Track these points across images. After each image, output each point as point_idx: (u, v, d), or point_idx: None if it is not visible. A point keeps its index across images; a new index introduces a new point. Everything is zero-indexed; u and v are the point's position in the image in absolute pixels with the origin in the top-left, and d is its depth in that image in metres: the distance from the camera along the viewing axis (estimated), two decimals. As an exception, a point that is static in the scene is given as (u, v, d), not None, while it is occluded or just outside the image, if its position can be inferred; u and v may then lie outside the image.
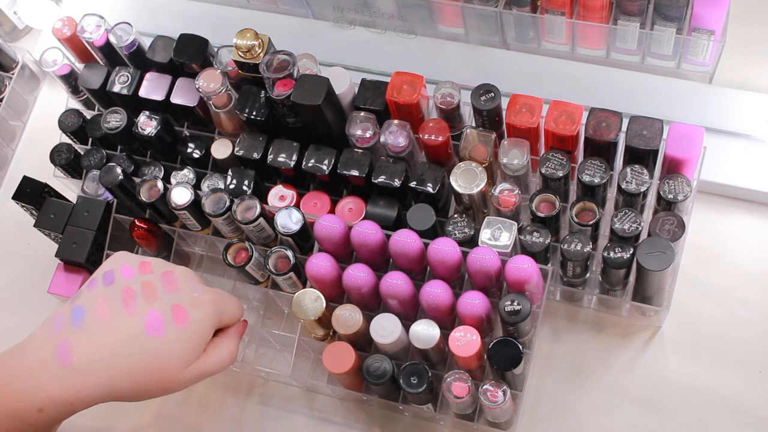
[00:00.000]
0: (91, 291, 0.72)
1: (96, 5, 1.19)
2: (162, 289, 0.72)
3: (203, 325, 0.73)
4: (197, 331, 0.72)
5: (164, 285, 0.73)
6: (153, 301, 0.71)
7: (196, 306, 0.73)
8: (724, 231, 1.03)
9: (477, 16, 1.10)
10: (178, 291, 0.73)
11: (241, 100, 0.98)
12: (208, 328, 0.74)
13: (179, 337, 0.71)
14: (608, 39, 1.08)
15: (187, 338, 0.71)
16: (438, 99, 0.95)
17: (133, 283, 0.72)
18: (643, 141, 0.89)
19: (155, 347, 0.70)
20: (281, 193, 0.99)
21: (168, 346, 0.70)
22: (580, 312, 1.02)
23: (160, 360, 0.70)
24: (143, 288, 0.72)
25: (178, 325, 0.71)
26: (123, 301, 0.71)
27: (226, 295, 0.79)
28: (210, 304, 0.74)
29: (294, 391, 1.03)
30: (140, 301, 0.71)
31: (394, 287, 0.87)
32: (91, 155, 1.08)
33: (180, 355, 0.71)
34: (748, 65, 1.09)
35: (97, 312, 0.70)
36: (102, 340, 0.69)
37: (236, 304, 0.80)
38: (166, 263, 0.77)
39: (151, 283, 0.73)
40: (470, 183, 0.91)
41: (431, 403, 0.92)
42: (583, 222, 0.89)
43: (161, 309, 0.71)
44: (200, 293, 0.74)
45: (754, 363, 0.96)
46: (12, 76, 1.24)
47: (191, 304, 0.73)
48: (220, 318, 0.76)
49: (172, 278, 0.74)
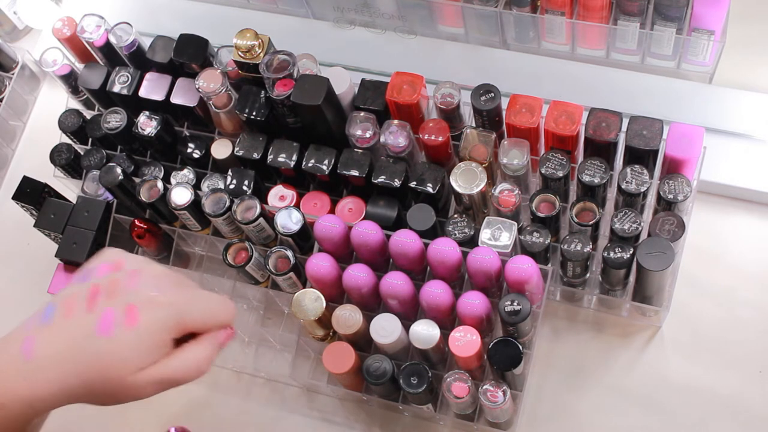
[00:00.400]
0: (67, 288, 0.70)
1: (96, 5, 1.19)
2: (123, 287, 0.68)
3: (154, 327, 0.67)
4: (147, 333, 0.67)
5: (127, 283, 0.68)
6: (112, 299, 0.67)
7: (150, 307, 0.67)
8: (724, 231, 1.03)
9: (477, 16, 1.10)
10: (136, 289, 0.68)
11: (241, 100, 0.98)
12: (160, 332, 0.68)
13: (126, 339, 0.66)
14: (608, 39, 1.08)
15: (135, 340, 0.66)
16: (438, 99, 0.95)
17: (102, 280, 0.69)
18: (643, 141, 0.89)
19: (103, 348, 0.66)
20: (281, 193, 0.99)
21: (114, 348, 0.66)
22: (580, 312, 1.02)
23: (105, 361, 0.66)
24: (108, 285, 0.68)
25: (127, 326, 0.66)
26: (87, 298, 0.67)
27: (203, 298, 0.71)
28: (167, 306, 0.68)
29: (294, 391, 1.03)
30: (101, 299, 0.67)
31: (394, 287, 0.87)
32: (91, 155, 1.08)
33: (125, 357, 0.66)
34: (748, 65, 1.09)
35: (64, 309, 0.68)
36: (61, 337, 0.66)
37: (216, 309, 0.71)
38: (144, 261, 0.72)
39: (116, 280, 0.68)
40: (470, 183, 0.91)
41: (431, 403, 0.92)
42: (583, 222, 0.89)
43: (116, 308, 0.67)
44: (160, 293, 0.68)
45: (754, 363, 0.96)
46: (12, 76, 1.24)
47: (145, 304, 0.67)
48: (183, 322, 0.69)
49: (137, 276, 0.69)
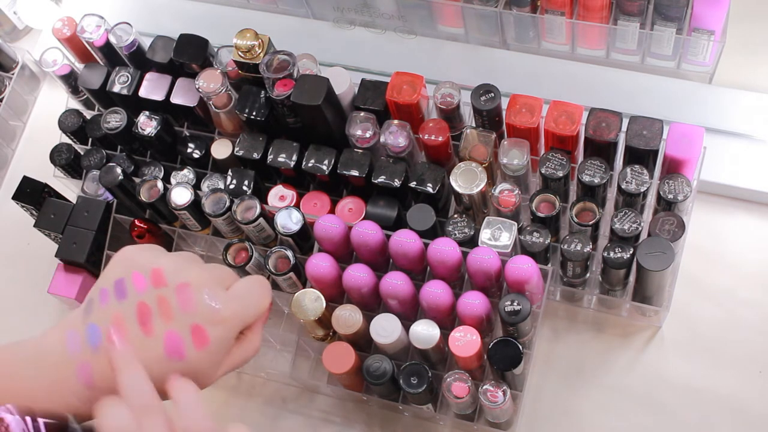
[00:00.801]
0: (104, 306, 0.68)
1: (96, 5, 1.19)
2: (178, 307, 0.68)
3: (225, 342, 0.70)
4: (219, 349, 0.69)
5: (180, 301, 0.68)
6: (170, 320, 0.67)
7: (216, 324, 0.69)
8: (724, 231, 1.03)
9: (477, 16, 1.10)
10: (195, 308, 0.68)
11: (241, 100, 0.98)
12: (229, 341, 0.70)
13: (201, 358, 0.68)
14: (608, 39, 1.08)
15: (209, 358, 0.68)
16: (438, 99, 0.95)
17: (147, 297, 0.68)
18: (643, 141, 0.89)
19: (178, 368, 0.67)
20: (281, 193, 0.99)
21: (191, 367, 0.67)
22: (580, 312, 1.02)
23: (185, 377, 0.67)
24: (159, 304, 0.68)
25: (198, 348, 0.67)
26: (139, 319, 0.67)
27: (249, 291, 0.73)
28: (231, 319, 0.70)
29: (294, 391, 1.03)
30: (157, 320, 0.67)
31: (394, 287, 0.87)
32: (91, 155, 1.08)
33: (204, 372, 0.69)
34: (748, 65, 1.09)
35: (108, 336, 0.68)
36: None
37: (260, 298, 0.74)
38: (179, 267, 0.71)
39: (165, 299, 0.68)
40: (470, 183, 0.91)
41: (431, 403, 0.92)
42: (583, 222, 0.89)
43: (179, 330, 0.67)
44: (221, 305, 0.69)
45: (754, 363, 0.96)
46: (12, 76, 1.24)
47: (211, 323, 0.68)
48: (243, 324, 0.72)
49: (188, 292, 0.69)
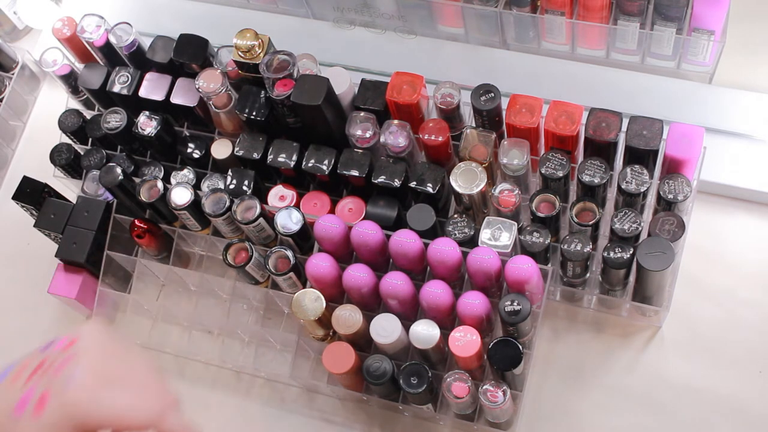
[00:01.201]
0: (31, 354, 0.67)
1: (96, 5, 1.19)
2: (54, 369, 0.65)
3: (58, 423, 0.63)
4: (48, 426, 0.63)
5: (58, 365, 0.65)
6: (41, 379, 0.64)
7: (58, 400, 0.63)
8: (724, 231, 1.03)
9: (477, 16, 1.10)
10: (57, 377, 0.64)
11: (241, 100, 0.98)
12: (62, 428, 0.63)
13: (28, 427, 0.63)
14: (608, 39, 1.08)
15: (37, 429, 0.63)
16: (438, 99, 0.95)
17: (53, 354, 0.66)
18: (643, 141, 0.89)
19: (12, 427, 0.63)
20: (281, 193, 0.99)
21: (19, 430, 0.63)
22: (580, 312, 1.02)
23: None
24: (49, 362, 0.65)
25: (34, 414, 0.63)
26: (33, 370, 0.65)
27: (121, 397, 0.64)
28: (72, 405, 0.63)
29: (294, 391, 1.03)
30: (36, 376, 0.64)
31: (394, 287, 0.87)
32: (91, 155, 1.08)
33: None
34: (748, 65, 1.09)
35: (12, 375, 0.66)
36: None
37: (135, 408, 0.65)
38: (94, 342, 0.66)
39: (53, 360, 0.65)
40: (470, 183, 0.91)
41: (431, 403, 0.92)
42: (583, 222, 0.89)
43: (37, 390, 0.64)
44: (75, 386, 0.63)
45: (754, 363, 0.96)
46: (12, 76, 1.24)
47: (55, 396, 0.63)
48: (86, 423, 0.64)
49: (68, 361, 0.65)
